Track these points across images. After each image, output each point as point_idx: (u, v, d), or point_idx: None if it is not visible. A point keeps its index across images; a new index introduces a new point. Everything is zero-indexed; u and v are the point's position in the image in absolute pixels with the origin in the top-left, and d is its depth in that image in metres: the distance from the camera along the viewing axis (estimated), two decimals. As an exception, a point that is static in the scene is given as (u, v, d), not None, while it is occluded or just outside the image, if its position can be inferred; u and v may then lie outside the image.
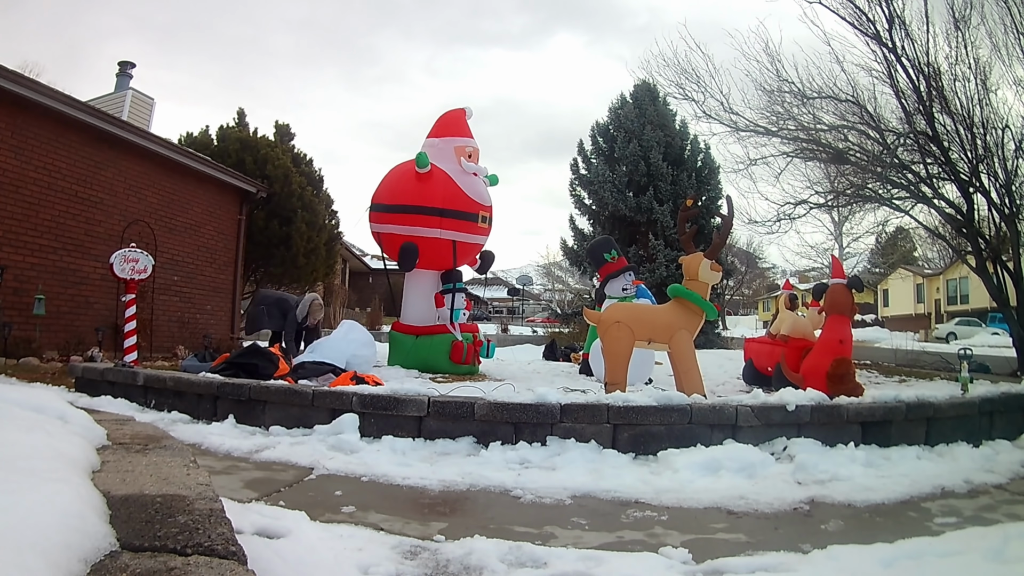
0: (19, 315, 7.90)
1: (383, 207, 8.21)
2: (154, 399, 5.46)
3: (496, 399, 4.66)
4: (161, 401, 5.41)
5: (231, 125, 15.27)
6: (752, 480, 3.94)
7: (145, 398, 5.51)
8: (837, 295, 6.70)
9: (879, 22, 9.55)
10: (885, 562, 2.60)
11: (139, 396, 5.54)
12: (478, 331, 8.61)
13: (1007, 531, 2.97)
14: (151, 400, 5.47)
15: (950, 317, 32.67)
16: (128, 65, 16.50)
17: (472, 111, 8.61)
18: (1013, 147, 9.67)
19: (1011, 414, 5.43)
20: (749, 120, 10.93)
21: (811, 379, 6.38)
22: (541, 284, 47.00)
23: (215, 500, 1.85)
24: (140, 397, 5.53)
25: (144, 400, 5.50)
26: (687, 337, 6.06)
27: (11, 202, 8.06)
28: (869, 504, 3.62)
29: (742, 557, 2.69)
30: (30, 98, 8.10)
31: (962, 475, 4.22)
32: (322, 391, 4.88)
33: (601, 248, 8.69)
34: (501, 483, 3.72)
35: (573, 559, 2.58)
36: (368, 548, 2.59)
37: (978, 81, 9.52)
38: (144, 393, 5.53)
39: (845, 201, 12.48)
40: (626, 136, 16.87)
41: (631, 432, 4.49)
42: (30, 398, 2.79)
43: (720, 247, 6.28)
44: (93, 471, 2.03)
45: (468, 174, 8.07)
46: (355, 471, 3.84)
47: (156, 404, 5.42)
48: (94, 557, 1.39)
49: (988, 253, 10.04)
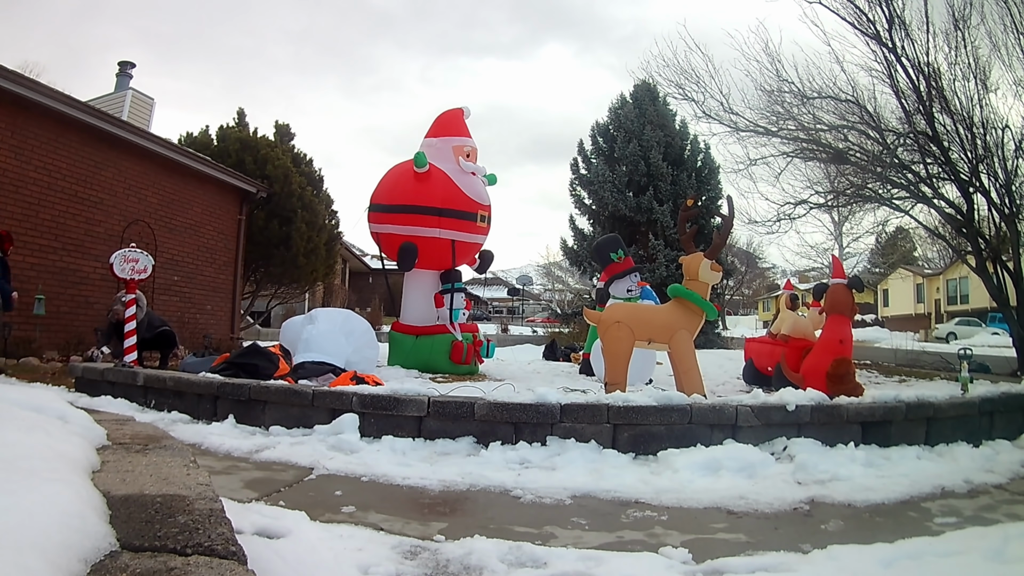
0: (19, 315, 7.90)
1: (382, 207, 8.21)
2: (154, 399, 5.46)
3: (496, 399, 4.66)
4: (161, 401, 5.41)
5: (231, 125, 15.26)
6: (752, 480, 3.94)
7: (145, 398, 5.51)
8: (837, 295, 6.70)
9: (879, 22, 9.56)
10: (885, 562, 2.60)
11: (139, 396, 5.54)
12: (478, 331, 8.60)
13: (1007, 531, 2.97)
14: (151, 400, 5.47)
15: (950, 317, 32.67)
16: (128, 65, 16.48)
17: (470, 111, 8.61)
18: (1013, 147, 9.68)
19: (1011, 414, 5.43)
20: (749, 120, 10.94)
21: (811, 379, 6.37)
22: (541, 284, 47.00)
23: (215, 500, 1.85)
24: (140, 397, 5.54)
25: (144, 400, 5.50)
26: (687, 337, 6.06)
27: (11, 202, 8.06)
28: (869, 504, 3.62)
29: (742, 557, 2.69)
30: (30, 98, 8.10)
31: (962, 475, 4.22)
32: (322, 391, 4.88)
33: (608, 247, 8.45)
34: (501, 483, 3.72)
35: (573, 559, 2.58)
36: (368, 548, 2.59)
37: (978, 81, 9.53)
38: (144, 393, 5.53)
39: (845, 201, 12.49)
40: (626, 136, 16.87)
41: (631, 432, 4.49)
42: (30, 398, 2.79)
43: (720, 247, 6.28)
44: (93, 471, 2.03)
45: (466, 173, 8.07)
46: (355, 471, 3.84)
47: (156, 404, 5.42)
48: (94, 557, 1.39)
49: (988, 253, 10.05)
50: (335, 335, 7.15)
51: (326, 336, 7.04)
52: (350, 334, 7.23)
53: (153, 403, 5.45)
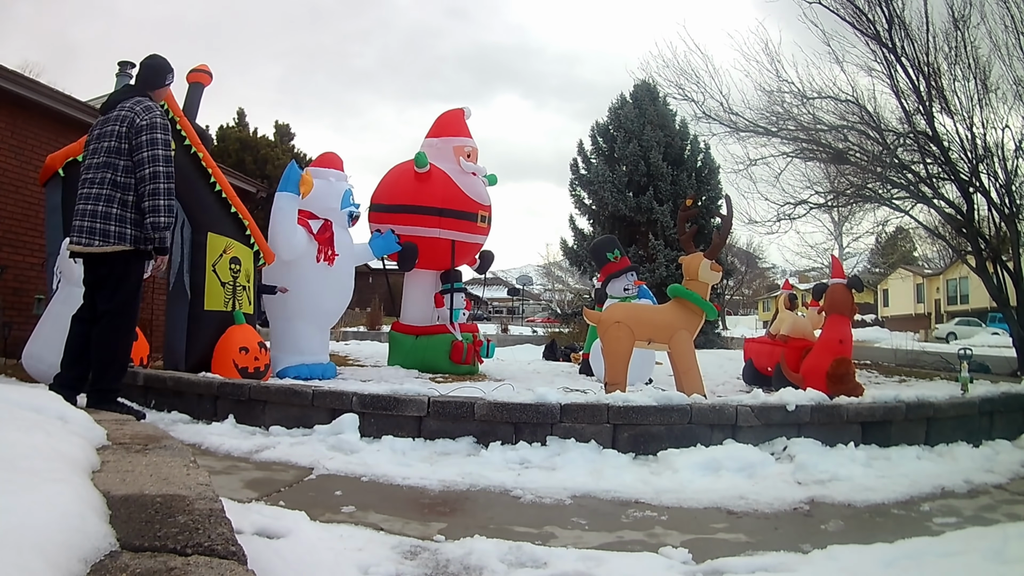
0: (19, 315, 7.90)
1: (382, 207, 8.21)
2: (154, 399, 5.46)
3: (496, 399, 4.65)
4: (161, 401, 5.40)
5: (231, 125, 15.28)
6: (752, 480, 3.94)
7: (145, 398, 5.50)
8: (837, 295, 6.70)
9: (879, 22, 9.56)
10: (885, 562, 2.60)
11: (139, 396, 5.53)
12: (478, 331, 8.61)
13: (1007, 531, 2.97)
14: (151, 400, 5.47)
15: (950, 317, 32.68)
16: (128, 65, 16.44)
17: (471, 112, 8.62)
18: (1013, 147, 9.68)
19: (1011, 414, 5.43)
20: (749, 120, 10.95)
21: (811, 379, 6.38)
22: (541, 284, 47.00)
23: (215, 500, 1.85)
24: (140, 397, 5.53)
25: (144, 400, 5.49)
26: (687, 337, 6.06)
27: (11, 202, 8.06)
28: (869, 504, 3.62)
29: (742, 557, 2.69)
30: (30, 98, 8.10)
31: (962, 475, 4.22)
32: (322, 391, 4.89)
33: (604, 247, 8.69)
34: (501, 483, 3.72)
35: (573, 559, 2.58)
36: (368, 548, 2.59)
37: (978, 81, 9.53)
38: (144, 393, 5.53)
39: (845, 201, 12.49)
40: (626, 136, 16.87)
41: (631, 432, 4.49)
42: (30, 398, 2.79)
43: (720, 247, 6.28)
44: (93, 471, 2.03)
45: (467, 174, 8.07)
46: (355, 471, 3.83)
47: (156, 404, 5.42)
48: (94, 557, 1.39)
49: (988, 253, 10.05)
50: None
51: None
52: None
53: (153, 403, 5.44)
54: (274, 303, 7.13)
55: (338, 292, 7.39)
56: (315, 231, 7.10)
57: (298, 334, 7.07)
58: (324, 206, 7.22)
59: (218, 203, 6.52)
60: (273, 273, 7.00)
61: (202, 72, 6.67)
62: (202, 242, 6.30)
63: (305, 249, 6.99)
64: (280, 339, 7.12)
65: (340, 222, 7.35)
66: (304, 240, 6.99)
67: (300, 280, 7.01)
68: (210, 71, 6.74)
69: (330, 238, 7.15)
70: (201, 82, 6.63)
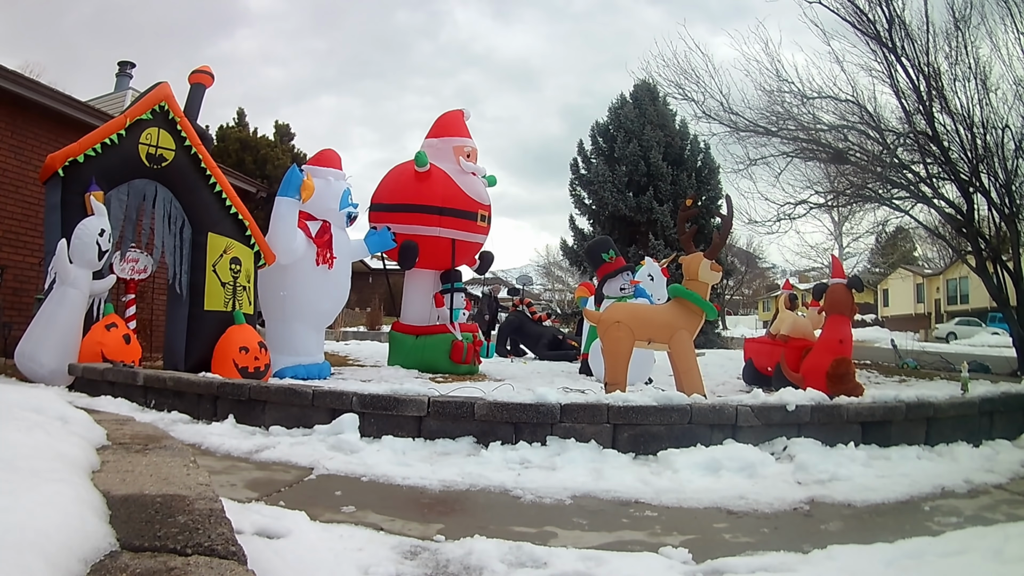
0: (19, 315, 7.90)
1: (383, 206, 8.22)
2: (154, 399, 5.45)
3: (496, 399, 4.65)
4: (161, 401, 5.40)
5: (231, 125, 15.28)
6: (752, 480, 3.93)
7: (145, 398, 5.50)
8: (837, 295, 6.70)
9: (879, 22, 9.56)
10: (885, 562, 2.60)
11: (139, 396, 5.53)
12: (478, 331, 8.62)
13: (1007, 531, 2.97)
14: (151, 400, 5.46)
15: (950, 317, 32.69)
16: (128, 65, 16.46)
17: (470, 112, 8.65)
18: (1013, 147, 9.68)
19: (1011, 414, 5.43)
20: (749, 120, 10.95)
21: (811, 379, 6.37)
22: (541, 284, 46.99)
23: (215, 500, 1.85)
24: (140, 397, 5.52)
25: (144, 400, 5.49)
26: (687, 337, 6.06)
27: (11, 202, 8.06)
28: (869, 504, 3.61)
29: (742, 557, 2.69)
30: (30, 98, 8.11)
31: (962, 475, 4.21)
32: (322, 391, 4.88)
33: (599, 248, 8.73)
34: (501, 483, 3.71)
35: (573, 559, 2.58)
36: (368, 548, 2.59)
37: (978, 81, 9.53)
38: (144, 393, 5.52)
39: (845, 201, 12.50)
40: (626, 136, 16.88)
41: (631, 432, 4.48)
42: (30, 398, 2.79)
43: (720, 247, 6.28)
44: (93, 471, 2.03)
45: (467, 173, 8.08)
46: (355, 471, 3.83)
47: (156, 404, 5.41)
48: (94, 557, 1.39)
49: (988, 253, 10.05)
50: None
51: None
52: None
53: (153, 403, 5.44)
54: (271, 304, 7.13)
55: (335, 293, 7.39)
56: (314, 233, 7.10)
57: (295, 335, 7.07)
58: (323, 207, 7.22)
59: (218, 203, 6.53)
60: (272, 276, 7.00)
61: (203, 73, 6.67)
62: (202, 242, 6.30)
63: (304, 252, 6.99)
64: (277, 340, 7.12)
65: (338, 223, 7.35)
66: (303, 245, 6.99)
67: (298, 282, 7.01)
68: (212, 72, 6.74)
69: (329, 240, 7.15)
70: (203, 83, 6.64)
